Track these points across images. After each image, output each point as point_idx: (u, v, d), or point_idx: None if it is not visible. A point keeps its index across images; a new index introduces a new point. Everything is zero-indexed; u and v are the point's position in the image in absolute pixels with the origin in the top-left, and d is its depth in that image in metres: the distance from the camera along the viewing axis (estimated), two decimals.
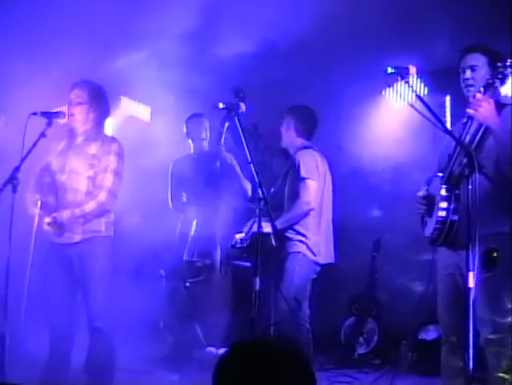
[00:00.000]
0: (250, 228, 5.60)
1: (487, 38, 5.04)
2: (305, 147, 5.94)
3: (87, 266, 5.23)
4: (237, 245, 5.79)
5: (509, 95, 4.51)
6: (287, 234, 5.80)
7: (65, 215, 5.15)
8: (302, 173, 5.73)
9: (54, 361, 5.31)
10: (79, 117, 5.32)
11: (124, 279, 7.41)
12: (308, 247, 5.78)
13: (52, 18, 6.06)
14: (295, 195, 5.78)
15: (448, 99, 7.43)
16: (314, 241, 5.79)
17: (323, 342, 6.57)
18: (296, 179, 5.78)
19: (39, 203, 5.11)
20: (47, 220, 5.13)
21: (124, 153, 5.42)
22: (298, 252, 5.78)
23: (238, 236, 5.83)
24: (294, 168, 5.81)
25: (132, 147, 7.05)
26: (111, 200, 5.31)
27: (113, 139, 5.51)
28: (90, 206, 5.21)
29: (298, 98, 6.68)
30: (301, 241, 5.78)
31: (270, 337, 4.87)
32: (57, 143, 5.41)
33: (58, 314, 5.29)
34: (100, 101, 5.41)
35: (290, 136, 6.04)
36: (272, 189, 6.08)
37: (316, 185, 5.78)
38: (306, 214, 5.77)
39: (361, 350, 7.08)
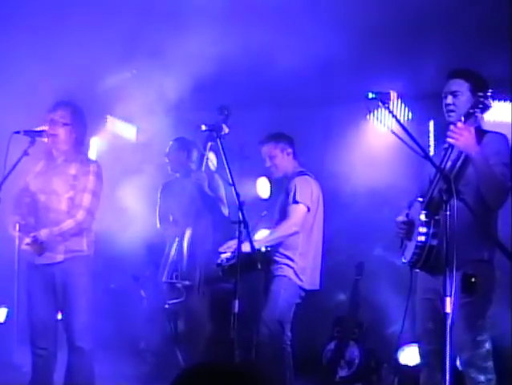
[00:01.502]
0: (240, 250, 5.53)
1: (474, 62, 5.07)
2: (301, 173, 5.98)
3: (70, 285, 5.24)
4: (224, 264, 5.77)
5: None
6: (274, 257, 5.81)
7: (43, 234, 5.16)
8: (297, 197, 5.77)
9: (36, 382, 5.31)
10: (62, 138, 5.35)
11: (107, 298, 7.40)
12: (294, 271, 5.80)
13: (38, 35, 6.06)
14: (284, 216, 5.81)
15: (432, 123, 7.46)
16: (300, 266, 5.80)
17: (305, 364, 6.56)
18: (288, 201, 5.82)
19: (18, 225, 5.13)
20: (27, 240, 5.14)
21: (102, 174, 5.46)
22: (284, 275, 5.79)
23: (224, 255, 5.82)
24: (289, 192, 5.84)
25: (117, 166, 7.07)
26: (88, 219, 5.34)
27: (92, 160, 5.60)
28: (67, 224, 5.23)
29: (284, 120, 6.71)
30: (287, 265, 5.80)
31: (242, 359, 4.85)
32: (35, 163, 5.42)
33: (41, 334, 5.29)
34: (81, 122, 5.46)
35: (286, 161, 6.04)
36: (264, 212, 6.10)
37: (306, 210, 5.81)
38: (290, 236, 5.79)
39: (342, 374, 7.05)
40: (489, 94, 4.04)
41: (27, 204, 5.32)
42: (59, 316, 5.41)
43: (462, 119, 4.11)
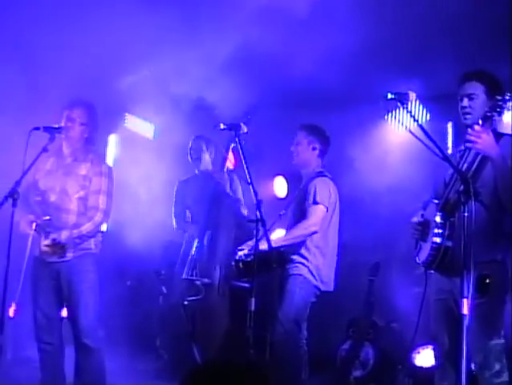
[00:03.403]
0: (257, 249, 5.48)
1: (490, 63, 5.06)
2: (321, 174, 6.02)
3: (76, 282, 5.27)
4: (241, 260, 5.79)
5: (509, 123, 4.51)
6: (290, 256, 5.84)
7: (64, 235, 5.18)
8: (317, 198, 5.81)
9: (46, 376, 5.36)
10: (76, 136, 5.40)
11: (123, 295, 7.44)
12: (310, 270, 5.83)
13: (58, 34, 6.10)
14: (303, 217, 5.84)
15: (450, 125, 7.44)
16: (315, 265, 5.83)
17: (319, 364, 6.56)
18: (306, 202, 5.86)
19: (34, 225, 5.14)
20: (46, 242, 5.14)
21: (113, 174, 5.51)
22: (300, 274, 5.82)
23: (241, 252, 5.84)
24: (308, 193, 5.87)
25: (135, 164, 7.11)
26: (105, 220, 5.44)
27: (102, 161, 5.67)
28: (87, 227, 5.29)
29: (301, 121, 6.70)
30: (303, 264, 5.83)
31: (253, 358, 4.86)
32: (44, 161, 5.41)
33: (46, 329, 5.32)
34: (95, 122, 5.51)
35: (309, 156, 6.08)
36: (283, 211, 6.12)
37: (325, 211, 5.85)
38: (308, 236, 5.82)
39: (357, 374, 7.03)
40: (507, 97, 4.03)
41: (38, 202, 5.35)
42: (65, 312, 5.45)
43: (480, 122, 4.09)
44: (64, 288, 5.29)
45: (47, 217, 5.22)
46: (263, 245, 5.19)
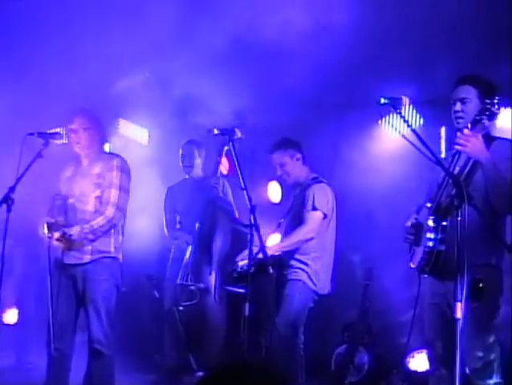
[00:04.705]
0: (253, 255, 5.48)
1: (486, 68, 5.07)
2: (316, 180, 6.03)
3: (90, 290, 5.30)
4: (243, 271, 5.78)
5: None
6: (288, 261, 5.87)
7: (74, 230, 5.20)
8: (315, 204, 5.82)
9: (51, 383, 5.36)
10: (86, 142, 5.44)
11: (120, 301, 7.41)
12: (309, 276, 5.84)
13: (51, 41, 6.11)
14: (301, 223, 5.86)
15: (443, 129, 7.44)
16: (314, 270, 5.85)
17: (314, 369, 6.56)
18: (304, 208, 5.86)
19: (45, 225, 5.16)
20: (56, 235, 5.16)
21: (128, 167, 5.51)
22: (299, 279, 5.84)
23: (242, 263, 5.84)
24: (306, 200, 5.88)
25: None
26: (119, 215, 5.38)
27: (115, 156, 5.60)
28: (98, 222, 5.27)
29: (296, 125, 6.73)
30: (302, 269, 5.85)
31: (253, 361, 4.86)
32: (65, 170, 5.54)
33: (58, 335, 5.30)
34: (97, 122, 5.55)
35: (297, 167, 6.06)
36: (282, 219, 6.12)
37: (322, 216, 5.87)
38: (305, 242, 5.84)
39: (352, 379, 7.04)
40: (496, 101, 4.03)
41: (57, 205, 5.40)
42: None
43: (469, 126, 4.10)
44: (79, 294, 5.33)
45: (61, 218, 5.27)
46: (260, 254, 5.20)
